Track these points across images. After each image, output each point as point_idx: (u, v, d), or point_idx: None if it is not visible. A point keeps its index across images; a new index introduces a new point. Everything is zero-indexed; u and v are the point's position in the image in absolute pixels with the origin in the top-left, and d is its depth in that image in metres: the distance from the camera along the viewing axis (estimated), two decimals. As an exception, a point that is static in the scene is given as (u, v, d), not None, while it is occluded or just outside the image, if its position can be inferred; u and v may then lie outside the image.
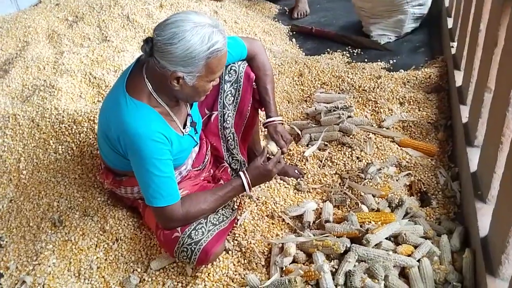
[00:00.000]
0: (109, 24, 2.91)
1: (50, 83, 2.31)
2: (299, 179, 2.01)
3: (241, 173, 1.68)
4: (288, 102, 2.58)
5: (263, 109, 1.93)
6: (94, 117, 2.12)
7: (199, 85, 1.51)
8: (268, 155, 1.73)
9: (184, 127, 1.67)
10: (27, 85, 2.38)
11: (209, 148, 1.91)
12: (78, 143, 2.07)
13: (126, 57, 2.59)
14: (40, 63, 2.50)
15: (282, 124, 1.91)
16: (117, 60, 2.55)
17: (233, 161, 1.96)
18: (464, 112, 2.06)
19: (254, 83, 1.88)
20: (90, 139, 2.08)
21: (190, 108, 1.72)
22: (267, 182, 1.94)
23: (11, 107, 2.22)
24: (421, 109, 2.37)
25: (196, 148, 1.82)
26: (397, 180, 1.93)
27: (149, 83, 1.53)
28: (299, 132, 2.27)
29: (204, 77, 1.49)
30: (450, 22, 2.76)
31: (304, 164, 2.10)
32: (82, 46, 2.72)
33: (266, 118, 1.87)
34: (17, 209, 1.94)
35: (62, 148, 2.06)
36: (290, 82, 2.69)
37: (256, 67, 1.87)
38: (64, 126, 2.10)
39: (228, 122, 1.89)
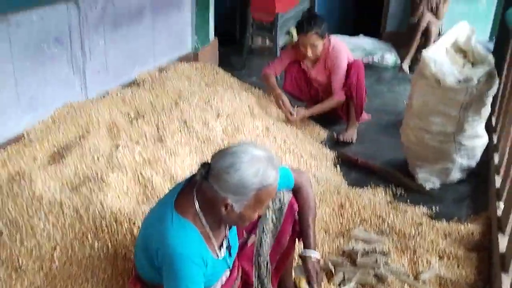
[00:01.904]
0: (167, 126, 3.05)
1: (101, 176, 2.39)
2: (326, 322, 1.95)
3: None
4: (325, 233, 2.57)
5: (301, 239, 1.94)
6: (135, 219, 2.16)
7: (246, 213, 1.56)
8: None
9: (219, 249, 1.69)
10: (79, 174, 2.48)
11: (240, 273, 1.90)
12: (115, 242, 2.10)
13: (177, 161, 2.68)
14: (96, 154, 2.61)
15: (319, 261, 1.89)
16: (167, 163, 2.63)
17: (261, 290, 1.93)
18: (506, 282, 1.99)
19: (296, 214, 1.91)
20: (127, 240, 2.10)
21: (229, 230, 1.75)
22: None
23: (60, 193, 2.30)
24: (460, 266, 2.30)
25: (227, 272, 1.81)
26: None
27: (197, 203, 1.58)
28: (333, 269, 2.23)
29: (251, 206, 1.54)
30: (498, 181, 2.76)
31: (334, 305, 2.04)
32: (137, 143, 2.84)
33: (304, 248, 1.89)
34: (41, 299, 1.93)
35: (98, 245, 2.08)
36: (330, 213, 2.69)
37: (301, 199, 1.91)
38: (105, 223, 2.14)
39: (264, 249, 1.90)
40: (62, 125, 2.88)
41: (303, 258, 1.89)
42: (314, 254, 1.87)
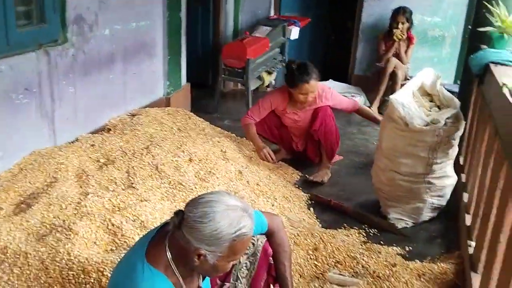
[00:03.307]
0: (138, 172, 3.02)
1: (69, 225, 2.33)
2: None
3: None
4: (300, 276, 2.53)
5: (276, 286, 1.92)
6: (103, 268, 2.10)
7: (219, 264, 1.52)
8: None
9: (192, 300, 1.64)
10: (46, 223, 2.41)
11: (213, 322, 1.84)
12: (82, 294, 2.03)
13: (147, 207, 2.64)
14: (63, 202, 2.55)
15: None
16: (138, 210, 2.59)
17: None
18: (481, 321, 1.99)
19: (271, 259, 1.89)
20: (95, 291, 2.04)
21: (203, 280, 1.71)
22: None
23: (25, 244, 2.22)
24: (435, 307, 2.29)
25: (201, 322, 1.76)
26: None
27: (169, 252, 1.54)
28: (308, 315, 2.20)
29: (225, 257, 1.51)
30: (468, 219, 2.79)
31: None
32: (107, 189, 2.79)
33: None
34: None
35: (65, 297, 2.01)
36: (304, 255, 2.66)
37: (275, 243, 1.89)
38: (72, 274, 2.07)
39: (239, 296, 1.86)
40: (29, 173, 2.82)
41: None
42: None
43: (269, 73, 5.75)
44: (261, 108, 3.86)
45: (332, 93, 3.86)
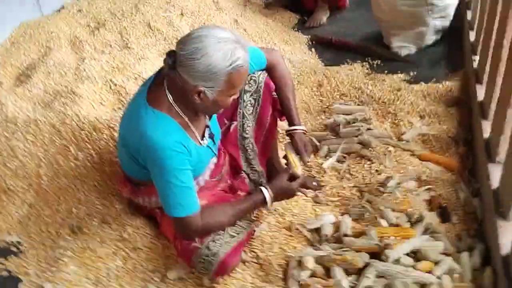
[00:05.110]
0: (130, 31, 2.94)
1: (72, 89, 2.34)
2: (317, 191, 2.00)
3: (263, 189, 1.68)
4: (307, 113, 2.57)
5: (283, 119, 1.94)
6: (114, 124, 2.14)
7: (220, 99, 1.52)
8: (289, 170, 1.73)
9: (202, 139, 1.68)
10: (49, 91, 2.42)
11: (226, 158, 1.91)
12: (98, 150, 2.09)
13: (147, 65, 2.61)
14: (62, 69, 2.53)
15: (305, 133, 1.91)
16: (137, 68, 2.57)
17: (251, 172, 1.96)
18: (486, 127, 2.03)
19: (274, 93, 1.89)
20: (110, 146, 2.10)
21: (209, 119, 1.73)
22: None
23: (33, 112, 2.25)
24: (441, 122, 2.34)
25: (214, 159, 1.82)
26: (417, 195, 1.91)
27: (169, 95, 1.54)
28: (318, 144, 2.27)
29: (225, 92, 1.50)
30: (472, 36, 2.73)
31: (322, 176, 2.09)
32: (103, 52, 2.75)
33: (289, 126, 1.88)
34: (36, 215, 1.96)
35: (82, 155, 2.08)
36: (309, 93, 2.69)
37: (277, 77, 1.88)
38: (85, 133, 2.12)
39: (247, 132, 1.90)
40: (21, 46, 2.78)
41: (289, 134, 1.90)
42: (299, 127, 1.87)
43: None
44: None
45: None
